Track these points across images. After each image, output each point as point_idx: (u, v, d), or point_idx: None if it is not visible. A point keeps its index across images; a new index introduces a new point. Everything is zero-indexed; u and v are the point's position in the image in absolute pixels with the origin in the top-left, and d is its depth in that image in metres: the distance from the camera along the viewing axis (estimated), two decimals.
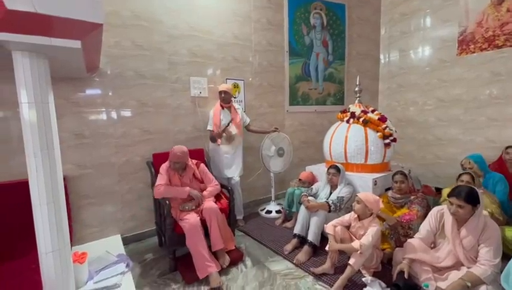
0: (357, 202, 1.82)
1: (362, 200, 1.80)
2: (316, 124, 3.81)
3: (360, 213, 1.83)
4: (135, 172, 2.42)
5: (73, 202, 2.13)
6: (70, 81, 2.08)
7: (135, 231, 2.46)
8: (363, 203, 1.79)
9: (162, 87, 2.51)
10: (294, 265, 2.01)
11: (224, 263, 1.94)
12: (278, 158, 2.99)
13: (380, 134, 2.49)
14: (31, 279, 1.52)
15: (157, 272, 1.98)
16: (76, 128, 2.15)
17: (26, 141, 1.30)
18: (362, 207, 1.80)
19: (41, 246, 1.38)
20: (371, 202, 1.80)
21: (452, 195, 1.56)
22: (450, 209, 1.57)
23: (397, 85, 4.05)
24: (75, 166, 2.15)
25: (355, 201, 1.84)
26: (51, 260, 1.39)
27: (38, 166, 1.32)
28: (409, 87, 3.89)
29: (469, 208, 1.52)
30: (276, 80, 3.37)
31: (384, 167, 2.60)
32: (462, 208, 1.52)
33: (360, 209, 1.81)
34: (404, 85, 3.96)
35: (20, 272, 1.61)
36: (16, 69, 1.25)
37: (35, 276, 1.47)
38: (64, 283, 1.44)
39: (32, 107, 1.28)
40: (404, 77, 3.94)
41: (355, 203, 1.83)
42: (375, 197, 1.84)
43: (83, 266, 1.66)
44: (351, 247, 1.73)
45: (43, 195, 1.34)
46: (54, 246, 1.38)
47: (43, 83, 1.30)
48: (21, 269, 1.64)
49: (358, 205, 1.81)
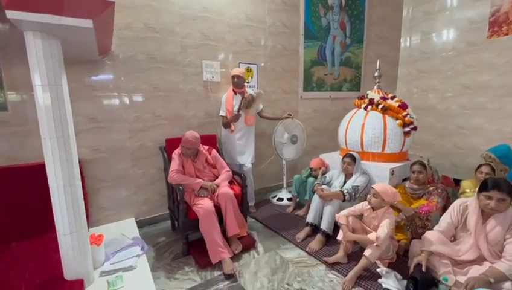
0: (374, 196, 1.76)
1: (379, 195, 1.73)
2: (330, 110, 3.72)
3: (375, 206, 1.77)
4: (148, 157, 2.43)
5: (89, 186, 2.17)
6: (83, 64, 2.06)
7: (149, 214, 2.51)
8: (380, 197, 1.73)
9: (174, 71, 2.47)
10: (306, 253, 2.01)
11: (237, 249, 1.95)
12: (291, 145, 2.94)
13: (399, 122, 2.40)
14: (51, 258, 1.58)
15: (170, 255, 2.02)
16: (90, 112, 2.15)
17: (42, 124, 1.30)
18: (379, 201, 1.74)
19: (59, 228, 1.41)
20: (388, 195, 1.74)
21: (492, 188, 1.43)
22: (489, 204, 1.44)
23: (418, 71, 3.85)
24: (90, 150, 2.17)
25: (370, 194, 1.78)
26: (69, 241, 1.42)
27: (54, 149, 1.32)
28: (431, 73, 3.69)
29: (509, 201, 1.42)
30: (290, 65, 3.26)
31: (402, 157, 2.52)
32: (503, 201, 1.42)
33: (376, 203, 1.76)
34: (425, 71, 3.77)
35: (42, 250, 1.67)
36: (29, 50, 1.23)
37: (55, 255, 1.51)
38: (82, 263, 1.48)
39: (46, 89, 1.26)
40: (426, 62, 3.74)
41: (371, 197, 1.77)
42: (392, 189, 1.77)
43: (100, 247, 1.70)
44: (367, 239, 1.69)
45: (59, 178, 1.36)
46: (71, 227, 1.41)
47: (56, 65, 1.28)
48: (42, 247, 1.70)
49: (374, 199, 1.75)
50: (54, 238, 1.46)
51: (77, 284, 1.43)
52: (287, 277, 1.76)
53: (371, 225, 1.82)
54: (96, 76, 2.14)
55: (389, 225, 1.69)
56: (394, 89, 4.15)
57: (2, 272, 1.47)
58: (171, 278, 1.76)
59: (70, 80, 1.72)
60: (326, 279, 1.74)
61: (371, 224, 1.82)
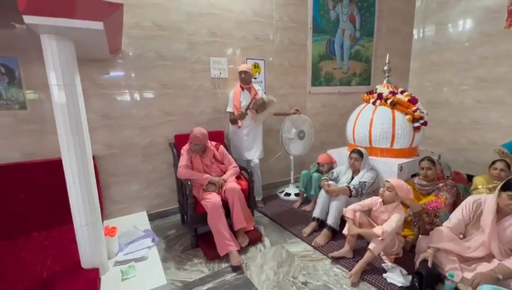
0: (388, 189, 1.76)
1: (394, 188, 1.74)
2: (339, 105, 3.68)
3: (387, 200, 1.78)
4: (158, 153, 2.51)
5: (103, 180, 2.27)
6: (95, 63, 2.14)
7: (159, 208, 2.60)
8: (395, 191, 1.74)
9: (182, 68, 2.52)
10: (312, 247, 2.04)
11: (244, 243, 2.01)
12: (299, 141, 2.95)
13: (409, 117, 2.36)
14: (69, 248, 1.68)
15: (180, 247, 2.10)
16: (103, 110, 2.24)
17: (58, 122, 1.38)
18: (392, 195, 1.75)
19: (76, 220, 1.51)
20: (403, 191, 1.74)
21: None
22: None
23: (431, 63, 3.75)
24: (103, 146, 2.27)
25: (384, 187, 1.78)
26: (85, 232, 1.51)
27: (70, 146, 1.41)
28: (444, 65, 3.58)
29: None
30: (298, 60, 3.25)
31: (411, 152, 2.49)
32: None
33: (389, 196, 1.76)
34: (438, 63, 3.66)
35: (60, 241, 1.78)
36: (45, 51, 1.31)
37: (72, 245, 1.62)
38: (97, 253, 1.57)
39: (61, 89, 1.34)
40: (439, 54, 3.63)
41: (385, 190, 1.77)
42: (408, 186, 1.77)
43: (114, 239, 1.80)
44: (372, 233, 1.70)
45: (75, 173, 1.44)
46: (87, 219, 1.50)
47: (70, 65, 1.35)
48: (61, 238, 1.81)
49: (388, 193, 1.76)
50: (71, 230, 1.56)
51: (93, 273, 1.53)
52: (292, 270, 1.80)
53: (379, 220, 1.83)
54: (107, 74, 2.22)
55: (398, 220, 1.70)
56: (406, 83, 4.06)
57: (25, 260, 1.59)
58: (180, 269, 1.84)
59: (83, 79, 1.79)
60: (331, 273, 1.77)
61: (379, 218, 1.83)
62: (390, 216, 1.75)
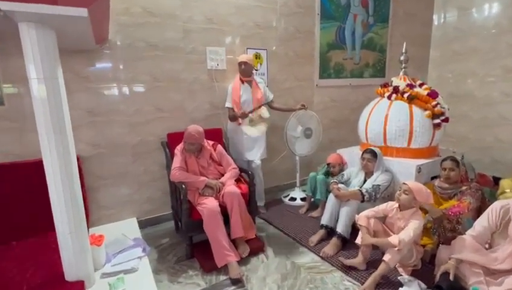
0: (405, 192, 1.76)
1: (412, 192, 1.73)
2: (350, 100, 3.67)
3: (404, 204, 1.77)
4: (149, 153, 2.52)
5: (88, 183, 2.28)
6: (80, 54, 2.15)
7: (151, 214, 2.61)
8: (412, 195, 1.73)
9: (176, 59, 2.52)
10: (320, 258, 2.04)
11: (244, 253, 2.01)
12: (305, 140, 2.94)
13: (428, 113, 2.35)
14: (52, 258, 1.69)
15: (174, 258, 2.10)
16: (88, 105, 2.24)
17: (38, 119, 1.39)
18: (410, 199, 1.74)
19: (58, 227, 1.51)
20: (422, 195, 1.73)
21: None
22: None
23: (452, 52, 3.73)
24: (89, 145, 2.28)
25: (401, 190, 1.78)
26: (69, 241, 1.52)
27: (51, 145, 1.41)
28: (468, 54, 3.56)
29: None
30: (305, 49, 3.24)
31: (431, 152, 2.48)
32: None
33: (406, 200, 1.75)
34: (461, 52, 3.64)
35: (42, 250, 1.79)
36: (24, 42, 1.31)
37: (55, 255, 1.63)
38: (82, 264, 1.58)
39: (42, 82, 1.34)
40: (462, 42, 3.61)
41: (401, 193, 1.77)
42: (427, 190, 1.77)
43: (100, 248, 1.80)
44: (388, 242, 1.70)
45: (57, 175, 1.45)
46: (70, 227, 1.51)
47: (51, 57, 1.35)
48: (43, 247, 1.82)
49: (405, 196, 1.75)
50: (54, 238, 1.56)
51: (78, 286, 1.53)
52: (298, 284, 1.80)
53: (395, 227, 1.83)
54: (93, 66, 2.23)
55: (416, 228, 1.70)
56: (425, 74, 4.04)
57: (3, 271, 1.60)
58: (174, 281, 1.84)
59: (66, 71, 1.80)
60: (341, 286, 1.77)
61: (395, 226, 1.82)
62: (407, 223, 1.74)
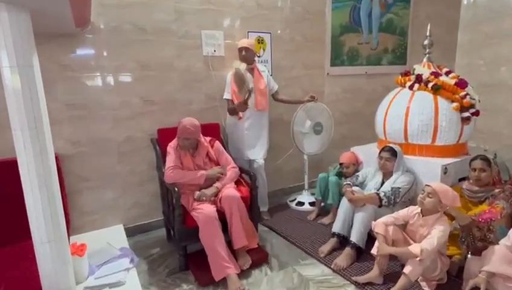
0: (429, 195, 1.75)
1: (437, 194, 1.72)
2: (366, 90, 3.66)
3: (428, 208, 1.77)
4: (137, 151, 2.52)
5: (69, 185, 2.28)
6: (58, 39, 2.14)
7: (139, 221, 2.62)
8: (437, 198, 1.72)
9: (168, 44, 2.51)
10: (332, 271, 2.04)
11: (245, 265, 2.01)
12: (314, 136, 2.94)
13: (456, 105, 2.33)
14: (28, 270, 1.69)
15: (165, 270, 2.11)
16: (68, 97, 2.24)
17: (11, 113, 1.38)
18: (434, 202, 1.73)
19: (35, 235, 1.51)
20: (448, 197, 1.73)
21: None
22: None
23: (484, 35, 3.69)
24: (69, 143, 2.29)
25: (425, 193, 1.78)
26: (47, 250, 1.52)
27: (26, 143, 1.41)
28: (503, 38, 3.52)
29: None
30: (314, 32, 3.22)
31: (459, 150, 2.47)
32: None
33: (430, 204, 1.75)
34: (494, 35, 3.60)
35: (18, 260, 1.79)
36: None
37: (32, 266, 1.63)
38: (62, 276, 1.58)
39: (15, 71, 1.34)
40: (496, 24, 3.57)
41: (425, 196, 1.77)
42: (454, 192, 1.76)
43: (83, 259, 1.80)
44: (408, 252, 1.69)
45: (33, 177, 1.44)
46: (49, 235, 1.51)
47: (25, 42, 1.35)
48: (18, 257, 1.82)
49: (429, 199, 1.75)
50: (30, 247, 1.57)
51: None
52: None
53: (417, 235, 1.82)
54: (73, 53, 2.23)
55: (441, 236, 1.69)
56: (452, 61, 4.01)
57: None
58: None
59: (43, 59, 1.79)
60: None
61: (417, 234, 1.82)
62: (430, 231, 1.73)
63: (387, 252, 1.79)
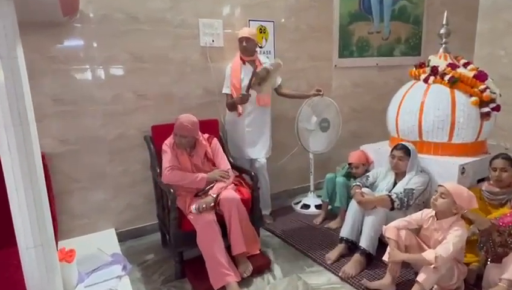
0: (441, 196, 1.75)
1: (450, 194, 1.71)
2: (377, 84, 3.66)
3: (441, 210, 1.76)
4: (130, 149, 2.53)
5: (57, 186, 2.29)
6: (45, 29, 2.15)
7: (132, 224, 2.63)
8: (451, 198, 1.71)
9: (162, 34, 2.52)
10: (339, 279, 2.04)
11: (246, 272, 2.01)
12: (321, 133, 2.94)
13: (475, 99, 2.33)
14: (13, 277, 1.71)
15: (160, 277, 2.11)
16: (55, 92, 2.25)
17: None
18: (448, 203, 1.73)
19: (20, 240, 1.52)
20: (463, 198, 1.72)
21: None
22: None
23: (507, 24, 3.67)
24: (56, 140, 2.29)
25: (437, 194, 1.77)
26: (33, 256, 1.53)
27: (10, 140, 1.41)
28: None
29: None
30: (321, 21, 3.22)
31: (477, 148, 2.46)
32: None
33: (443, 206, 1.74)
34: None
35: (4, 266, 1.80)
36: None
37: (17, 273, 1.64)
38: (49, 284, 1.59)
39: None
40: None
41: (438, 197, 1.76)
42: (469, 192, 1.76)
43: (72, 265, 1.81)
44: (422, 258, 1.69)
45: (18, 177, 1.44)
46: (35, 240, 1.51)
47: (8, 32, 1.35)
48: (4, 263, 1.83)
49: (442, 200, 1.74)
50: (15, 253, 1.58)
51: None
52: None
53: (432, 241, 1.82)
54: (61, 44, 2.23)
55: (457, 241, 1.68)
56: (471, 52, 3.99)
57: None
58: None
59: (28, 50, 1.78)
60: None
61: (432, 239, 1.82)
62: (446, 236, 1.73)
63: (399, 259, 1.78)
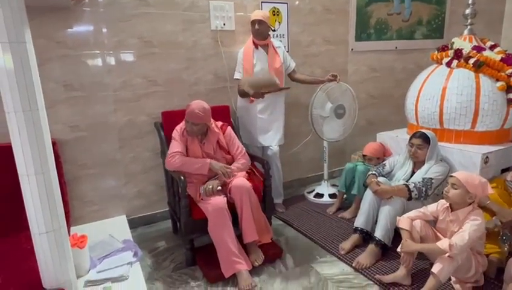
0: (453, 186, 1.71)
1: (462, 184, 1.68)
2: (396, 69, 3.60)
3: (455, 201, 1.72)
4: (140, 136, 2.56)
5: (69, 173, 2.35)
6: (53, 13, 2.16)
7: (143, 211, 2.68)
8: (464, 189, 1.68)
9: (172, 17, 2.51)
10: (353, 269, 2.04)
11: (257, 261, 2.03)
12: (336, 120, 2.90)
13: (501, 84, 2.26)
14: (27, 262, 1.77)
15: (171, 264, 2.16)
16: (65, 78, 2.27)
17: (4, 94, 1.41)
18: (461, 194, 1.69)
19: (33, 226, 1.56)
20: (476, 186, 1.68)
21: None
22: None
23: None
24: (67, 127, 2.33)
25: (449, 185, 1.74)
26: (46, 242, 1.57)
27: (21, 126, 1.44)
28: None
29: None
30: (336, 2, 3.17)
31: (502, 136, 2.41)
32: None
33: (457, 197, 1.70)
34: None
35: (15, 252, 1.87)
36: None
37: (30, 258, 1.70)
38: (62, 269, 1.64)
39: (6, 48, 1.35)
40: None
41: (449, 188, 1.73)
42: (482, 179, 1.72)
43: (83, 251, 1.86)
44: (436, 248, 1.67)
45: (29, 163, 1.48)
46: (47, 226, 1.56)
47: (16, 16, 1.35)
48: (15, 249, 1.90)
49: (454, 191, 1.70)
50: (27, 238, 1.63)
51: None
52: None
53: (448, 233, 1.79)
54: (70, 29, 2.25)
55: (474, 230, 1.64)
56: (498, 34, 3.84)
57: None
58: None
59: (37, 36, 1.82)
60: None
61: (448, 231, 1.79)
62: (462, 227, 1.69)
63: (412, 249, 1.77)
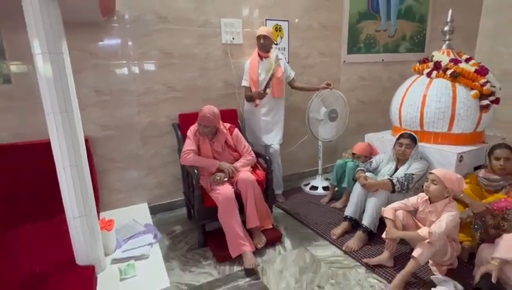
0: (433, 182, 1.70)
1: (441, 180, 1.67)
2: (382, 78, 3.56)
3: (434, 195, 1.71)
4: (160, 135, 2.56)
5: (98, 165, 2.37)
6: (86, 28, 2.17)
7: (162, 200, 2.69)
8: (442, 184, 1.67)
9: (188, 32, 2.50)
10: (343, 252, 2.03)
11: (260, 243, 2.03)
12: (329, 123, 2.89)
13: (475, 92, 2.23)
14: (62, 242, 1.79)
15: (186, 246, 2.17)
16: (96, 84, 2.29)
17: (44, 98, 1.43)
18: (440, 189, 1.68)
19: (68, 211, 1.59)
20: (452, 181, 1.67)
21: None
22: None
23: (509, 21, 3.42)
24: (98, 126, 2.35)
25: (429, 181, 1.73)
26: (79, 225, 1.60)
27: (58, 125, 1.46)
28: None
29: None
30: (331, 20, 3.13)
31: (475, 138, 2.36)
32: None
33: (436, 191, 1.69)
34: None
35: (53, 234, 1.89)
36: (27, 15, 1.34)
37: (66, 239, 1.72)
38: (92, 248, 1.66)
39: (46, 58, 1.37)
40: None
41: (429, 184, 1.72)
42: (457, 175, 1.72)
43: (111, 233, 1.89)
44: (417, 235, 1.67)
45: (65, 157, 1.50)
46: (80, 211, 1.58)
47: (55, 30, 1.37)
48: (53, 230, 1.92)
49: (434, 186, 1.69)
50: (63, 221, 1.65)
51: (89, 270, 1.62)
52: (318, 278, 1.81)
53: (427, 222, 1.78)
54: (101, 42, 2.25)
55: (451, 220, 1.63)
56: (473, 48, 3.78)
57: (16, 254, 1.71)
58: (186, 270, 1.91)
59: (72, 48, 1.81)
60: (365, 283, 1.75)
61: (427, 221, 1.77)
62: (440, 217, 1.68)
63: (395, 236, 1.77)
